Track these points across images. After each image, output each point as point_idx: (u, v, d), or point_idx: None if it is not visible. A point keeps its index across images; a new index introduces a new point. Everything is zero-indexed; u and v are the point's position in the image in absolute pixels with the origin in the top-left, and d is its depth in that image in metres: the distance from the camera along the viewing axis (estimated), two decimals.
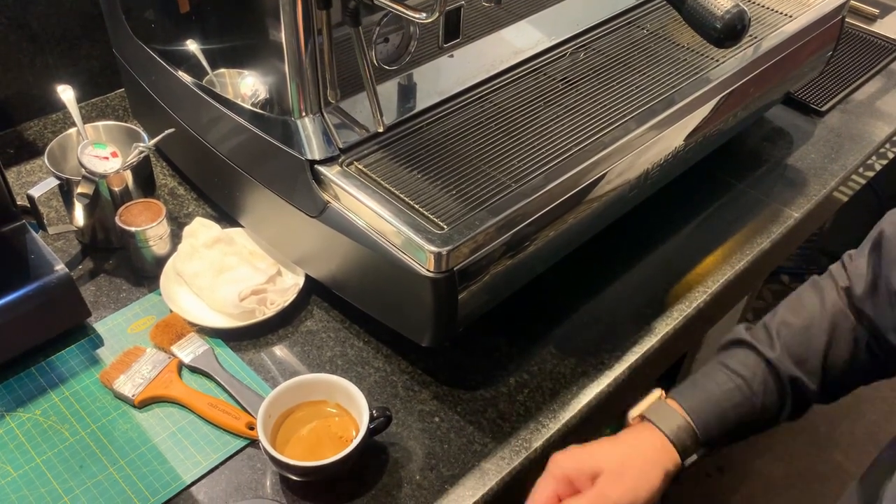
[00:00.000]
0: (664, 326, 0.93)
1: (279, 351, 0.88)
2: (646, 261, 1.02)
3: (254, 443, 0.79)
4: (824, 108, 1.29)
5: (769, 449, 2.01)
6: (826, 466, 1.98)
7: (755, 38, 1.05)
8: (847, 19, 1.22)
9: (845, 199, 1.27)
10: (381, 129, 0.81)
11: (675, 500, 1.88)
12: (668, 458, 0.65)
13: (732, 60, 1.01)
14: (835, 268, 0.74)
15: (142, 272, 0.95)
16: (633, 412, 0.69)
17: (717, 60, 1.01)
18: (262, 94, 0.84)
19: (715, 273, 1.00)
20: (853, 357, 0.69)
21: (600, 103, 0.92)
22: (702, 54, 1.01)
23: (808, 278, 0.77)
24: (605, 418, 0.92)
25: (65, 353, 0.86)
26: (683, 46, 1.03)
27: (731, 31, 0.71)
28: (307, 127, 0.81)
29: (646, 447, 0.65)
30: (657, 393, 0.69)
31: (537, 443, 0.81)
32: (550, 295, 0.96)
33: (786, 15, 1.10)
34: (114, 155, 0.94)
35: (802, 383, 0.69)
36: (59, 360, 0.86)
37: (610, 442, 0.66)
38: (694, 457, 0.67)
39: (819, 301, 0.71)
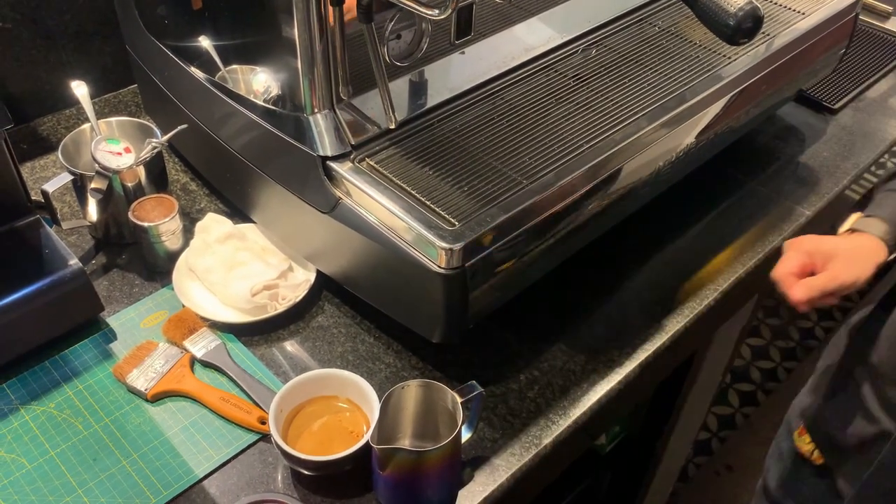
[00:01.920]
0: (674, 324, 0.93)
1: (290, 346, 0.88)
2: (656, 258, 1.01)
3: (265, 437, 0.79)
4: (837, 106, 1.29)
5: None
6: None
7: (768, 35, 1.04)
8: (860, 17, 1.21)
9: (857, 197, 1.26)
10: (392, 126, 0.82)
11: (684, 497, 1.88)
12: (881, 252, 0.84)
13: (745, 58, 1.01)
14: None
15: (154, 267, 0.96)
16: (842, 228, 0.87)
17: (730, 58, 1.00)
18: (275, 90, 0.84)
19: (726, 271, 1.00)
20: None
21: (612, 100, 0.92)
22: (714, 51, 1.01)
23: None
24: (616, 415, 0.92)
25: (78, 348, 0.87)
26: (696, 44, 1.03)
27: (744, 28, 0.70)
28: (319, 123, 0.81)
29: (866, 245, 0.84)
30: (857, 214, 0.87)
31: (547, 439, 0.81)
32: (561, 292, 0.96)
33: (799, 12, 1.09)
34: (127, 150, 0.95)
35: None
36: (72, 354, 0.86)
37: (838, 237, 0.85)
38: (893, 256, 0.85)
39: None
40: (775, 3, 1.11)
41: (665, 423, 1.36)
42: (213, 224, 0.95)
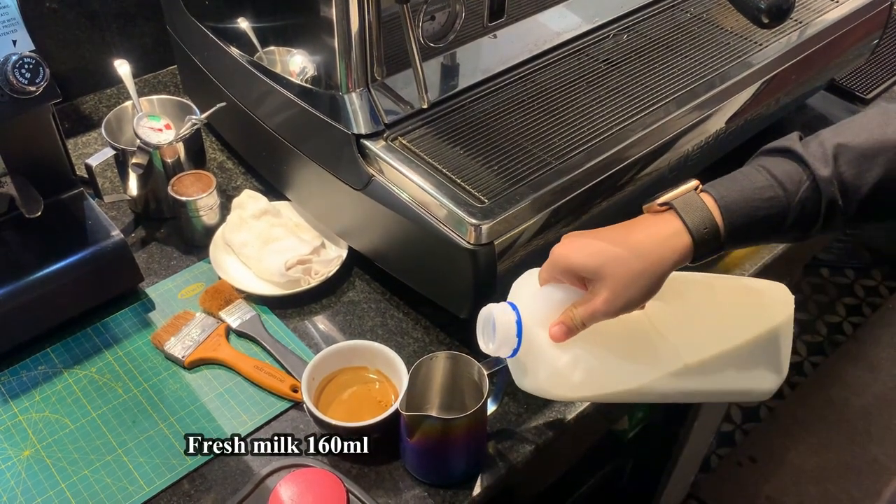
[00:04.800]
0: None
1: (322, 319, 0.91)
2: None
3: (297, 405, 0.82)
4: (869, 97, 1.28)
5: (803, 441, 2.00)
6: (860, 460, 1.96)
7: (800, 22, 1.05)
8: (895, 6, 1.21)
9: None
10: (425, 106, 0.83)
11: (705, 487, 1.89)
12: (677, 258, 0.62)
13: (776, 45, 1.01)
14: None
15: (192, 241, 0.99)
16: (663, 198, 0.65)
17: (761, 45, 1.01)
18: (311, 70, 0.86)
19: (752, 257, 1.00)
20: None
21: (642, 85, 0.93)
22: (745, 38, 1.02)
23: (848, 272, 0.76)
24: None
25: (118, 316, 0.90)
26: (727, 30, 1.03)
27: (775, 11, 0.71)
28: (354, 102, 0.83)
29: (659, 247, 0.62)
30: (693, 183, 0.65)
31: (571, 415, 0.83)
32: None
33: (832, 0, 1.09)
34: (167, 127, 0.97)
35: (840, 208, 0.65)
36: (113, 321, 0.90)
37: (620, 243, 0.63)
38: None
39: (883, 122, 0.66)
40: None
41: (688, 410, 1.37)
42: (249, 200, 0.98)
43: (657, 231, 0.63)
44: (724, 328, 0.72)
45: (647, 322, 0.70)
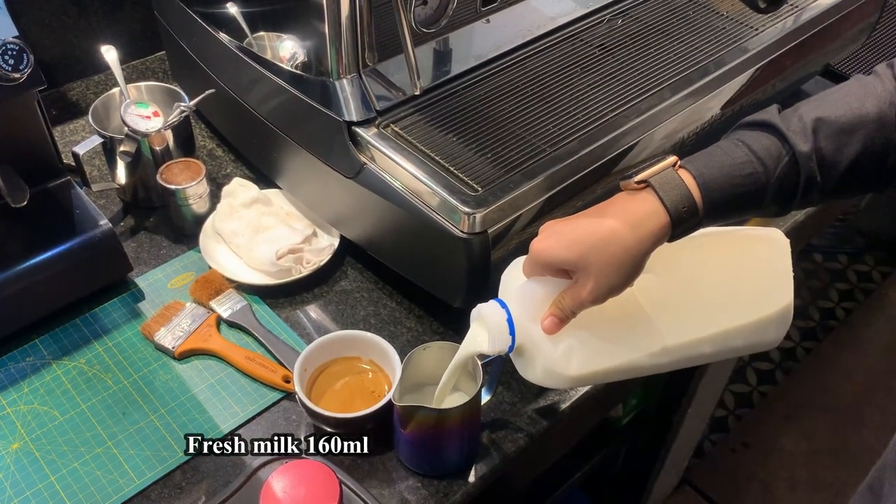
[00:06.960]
0: None
1: (314, 309, 0.90)
2: None
3: (289, 396, 0.81)
4: None
5: (795, 426, 2.01)
6: (852, 445, 1.97)
7: (795, 7, 1.03)
8: None
9: None
10: (417, 92, 0.82)
11: (698, 472, 1.89)
12: (654, 239, 0.62)
13: (771, 30, 1.00)
14: (881, 68, 0.67)
15: (181, 230, 0.97)
16: (640, 175, 0.63)
17: (756, 30, 1.00)
18: (301, 56, 0.85)
19: None
20: (880, 164, 0.65)
21: (637, 70, 0.92)
22: (741, 23, 1.00)
23: (841, 258, 0.75)
24: (630, 386, 0.93)
25: (108, 306, 0.89)
26: (722, 15, 1.02)
27: None
28: (345, 88, 0.82)
29: (636, 229, 0.61)
30: (671, 159, 0.63)
31: (565, 404, 0.82)
32: None
33: None
34: (155, 115, 0.96)
35: (817, 184, 0.65)
36: (102, 312, 0.89)
37: (597, 229, 0.62)
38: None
39: (861, 95, 0.65)
40: None
41: (682, 397, 1.37)
42: (239, 188, 0.96)
43: (634, 211, 0.62)
44: (720, 288, 0.72)
45: (640, 299, 0.69)
